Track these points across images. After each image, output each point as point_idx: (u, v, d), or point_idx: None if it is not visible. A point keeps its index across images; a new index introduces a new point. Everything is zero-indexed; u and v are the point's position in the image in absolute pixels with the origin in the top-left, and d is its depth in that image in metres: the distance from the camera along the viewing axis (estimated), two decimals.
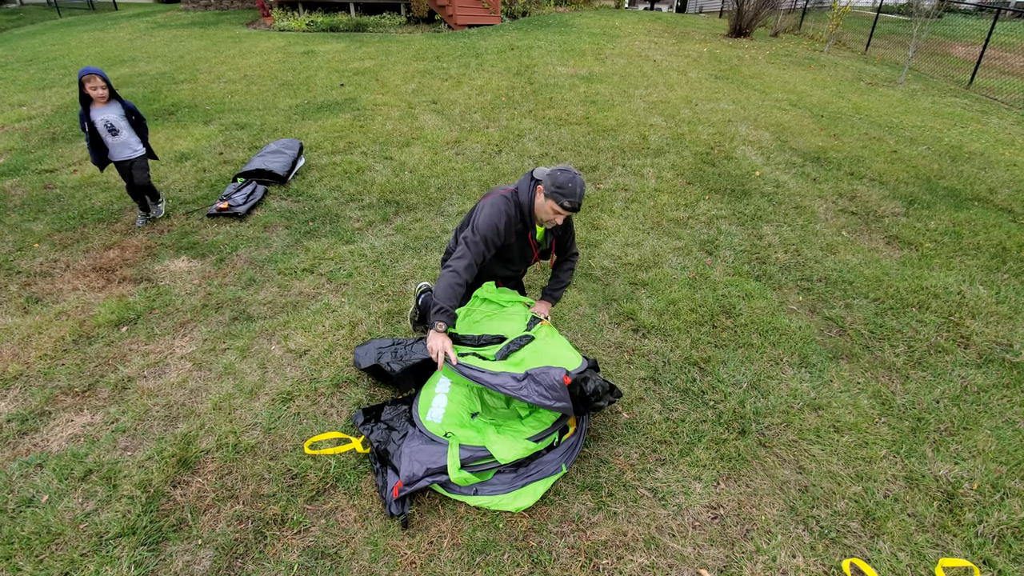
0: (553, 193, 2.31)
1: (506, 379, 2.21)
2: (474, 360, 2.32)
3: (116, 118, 3.85)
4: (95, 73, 3.66)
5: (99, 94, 3.69)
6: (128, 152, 3.98)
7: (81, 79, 3.63)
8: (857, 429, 2.61)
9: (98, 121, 3.78)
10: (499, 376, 2.22)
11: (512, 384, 2.19)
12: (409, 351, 2.79)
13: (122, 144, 3.93)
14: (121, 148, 3.94)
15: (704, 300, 3.50)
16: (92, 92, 3.68)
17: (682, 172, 5.42)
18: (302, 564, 2.00)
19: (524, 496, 2.17)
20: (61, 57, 10.33)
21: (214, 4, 17.46)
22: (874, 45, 13.39)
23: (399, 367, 2.64)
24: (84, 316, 3.27)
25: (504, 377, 2.21)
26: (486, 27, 13.72)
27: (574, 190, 2.30)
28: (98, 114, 3.77)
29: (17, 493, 2.22)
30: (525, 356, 2.34)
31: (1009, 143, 6.84)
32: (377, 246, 4.05)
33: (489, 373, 2.23)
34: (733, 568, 2.02)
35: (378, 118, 6.78)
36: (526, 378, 2.19)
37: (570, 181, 2.30)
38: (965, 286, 3.73)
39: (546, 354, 2.33)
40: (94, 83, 3.67)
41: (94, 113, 3.77)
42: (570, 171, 2.33)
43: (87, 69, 3.65)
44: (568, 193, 2.30)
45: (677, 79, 9.09)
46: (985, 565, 2.05)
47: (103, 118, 3.79)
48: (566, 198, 2.30)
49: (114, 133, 3.87)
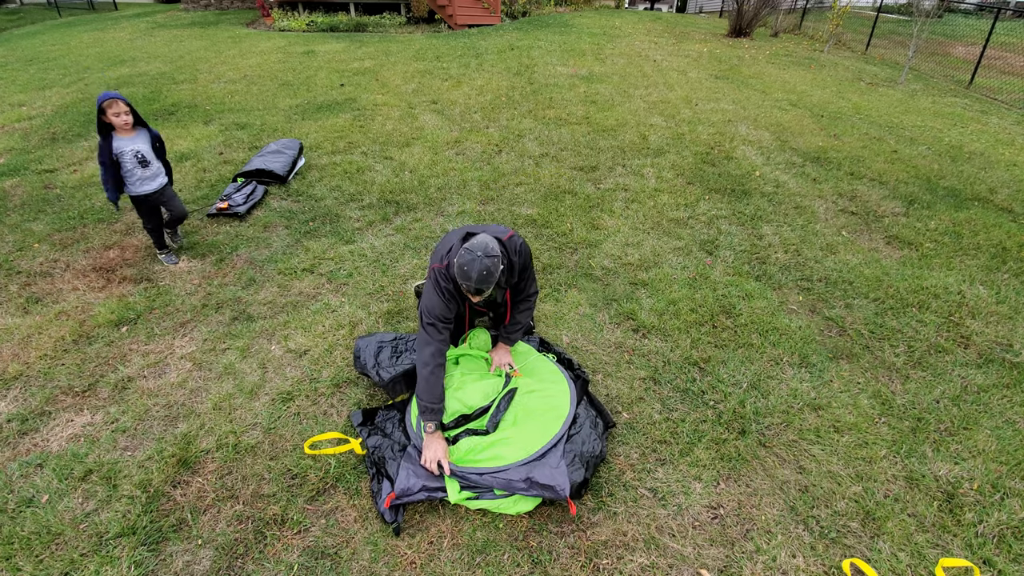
0: (456, 273, 2.18)
1: (507, 482, 2.15)
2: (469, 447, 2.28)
3: (147, 148, 3.41)
4: (117, 98, 3.18)
5: (124, 121, 3.22)
6: (158, 182, 3.55)
7: (101, 105, 3.15)
8: (857, 429, 2.61)
9: (127, 152, 3.32)
10: (507, 473, 2.16)
11: (519, 487, 2.14)
12: (410, 347, 2.80)
13: (151, 176, 3.49)
14: (150, 180, 3.49)
15: (704, 300, 3.50)
16: (116, 120, 3.21)
17: (682, 172, 5.42)
18: (302, 564, 2.00)
19: (525, 500, 2.17)
20: (61, 57, 10.33)
21: (214, 4, 17.46)
22: (874, 45, 13.39)
23: (388, 375, 2.63)
24: (84, 316, 3.27)
25: (511, 478, 2.15)
26: (486, 27, 13.72)
27: (469, 274, 2.13)
28: (126, 144, 3.31)
29: (17, 493, 2.23)
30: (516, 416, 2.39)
31: (1009, 143, 6.84)
32: (377, 246, 4.05)
33: (490, 475, 2.16)
34: (733, 568, 2.02)
35: (378, 118, 6.78)
36: (532, 487, 2.13)
37: (467, 264, 2.13)
38: (965, 286, 3.73)
39: (532, 417, 2.37)
40: (117, 109, 3.19)
41: (120, 143, 3.29)
42: (474, 252, 2.14)
43: (107, 94, 3.18)
44: (464, 276, 2.15)
45: (677, 79, 9.09)
46: (985, 565, 2.05)
47: (133, 148, 3.34)
48: (463, 280, 2.16)
49: (144, 165, 3.41)
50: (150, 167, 3.46)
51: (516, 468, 2.17)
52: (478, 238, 2.23)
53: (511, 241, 2.40)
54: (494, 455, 2.23)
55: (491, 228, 2.45)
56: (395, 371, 2.64)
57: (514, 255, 2.40)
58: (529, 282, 2.58)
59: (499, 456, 2.22)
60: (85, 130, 6.28)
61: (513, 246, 2.40)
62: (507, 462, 2.20)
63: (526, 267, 2.50)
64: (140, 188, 3.48)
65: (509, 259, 2.38)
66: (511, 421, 2.37)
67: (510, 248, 2.38)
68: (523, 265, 2.47)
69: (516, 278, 2.48)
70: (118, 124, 3.23)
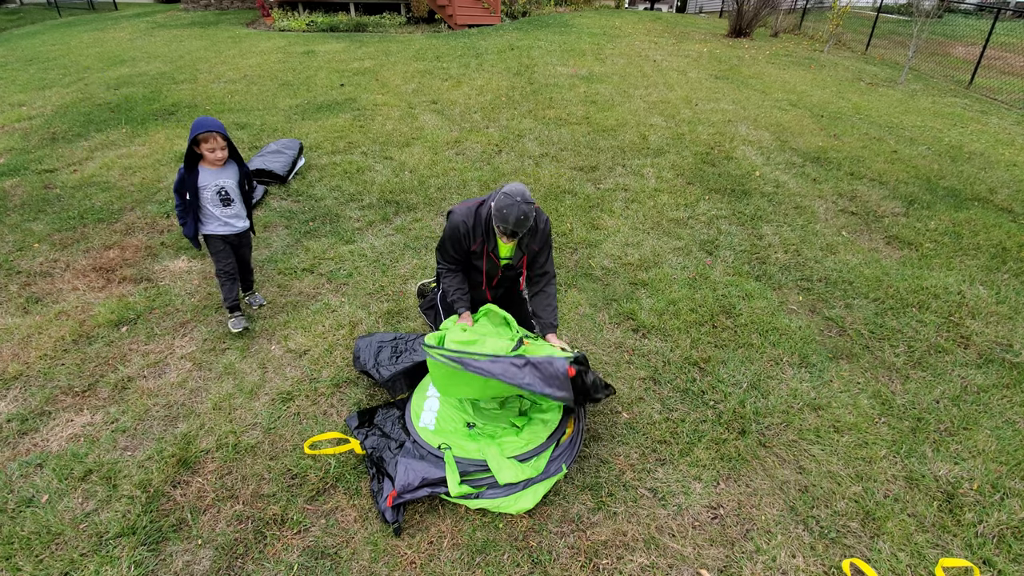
0: (494, 215, 2.37)
1: (506, 366, 2.12)
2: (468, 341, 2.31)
3: (233, 185, 2.96)
4: (217, 131, 2.74)
5: (219, 156, 2.81)
6: (239, 224, 3.07)
7: (196, 137, 2.71)
8: (857, 429, 2.61)
9: (209, 187, 2.88)
10: (499, 362, 2.13)
11: (512, 372, 2.10)
12: (410, 346, 2.79)
13: (233, 216, 3.02)
14: (230, 221, 3.02)
15: (704, 300, 3.50)
16: (211, 155, 2.78)
17: (682, 172, 5.42)
18: (302, 564, 2.00)
19: (525, 498, 2.17)
20: (61, 57, 10.33)
21: (214, 4, 17.46)
22: (874, 45, 13.39)
23: (388, 373, 2.64)
24: (84, 316, 3.27)
25: (503, 364, 2.12)
26: (486, 27, 13.72)
27: (507, 216, 2.32)
28: (212, 178, 2.87)
29: (17, 493, 2.22)
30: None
31: (1009, 143, 6.84)
32: (377, 246, 4.05)
33: (488, 360, 2.14)
34: (733, 568, 2.02)
35: (378, 118, 6.78)
36: (526, 364, 2.11)
37: (507, 207, 2.32)
38: (965, 286, 3.73)
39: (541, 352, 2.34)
40: (214, 144, 2.76)
41: (206, 176, 2.86)
42: (513, 197, 2.33)
43: (205, 123, 2.72)
44: (501, 219, 2.34)
45: (677, 79, 9.09)
46: (985, 565, 2.05)
47: (218, 183, 2.90)
48: (501, 223, 2.35)
49: (227, 203, 2.96)
50: (233, 206, 2.99)
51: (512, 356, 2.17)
52: (515, 185, 2.38)
53: (540, 209, 2.57)
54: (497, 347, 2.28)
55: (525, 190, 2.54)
56: (395, 369, 2.65)
57: (541, 222, 2.56)
58: (547, 259, 2.69)
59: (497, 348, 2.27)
60: (85, 130, 6.28)
61: (542, 214, 2.60)
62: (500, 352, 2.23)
63: (547, 242, 2.64)
64: (217, 228, 3.00)
65: (535, 223, 2.53)
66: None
67: (539, 215, 2.55)
68: (544, 237, 2.61)
69: (537, 245, 2.61)
70: (212, 159, 2.81)
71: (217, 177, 2.89)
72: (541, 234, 2.60)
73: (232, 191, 2.95)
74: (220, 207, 2.94)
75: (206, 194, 2.89)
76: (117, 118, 6.69)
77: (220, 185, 2.91)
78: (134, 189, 4.87)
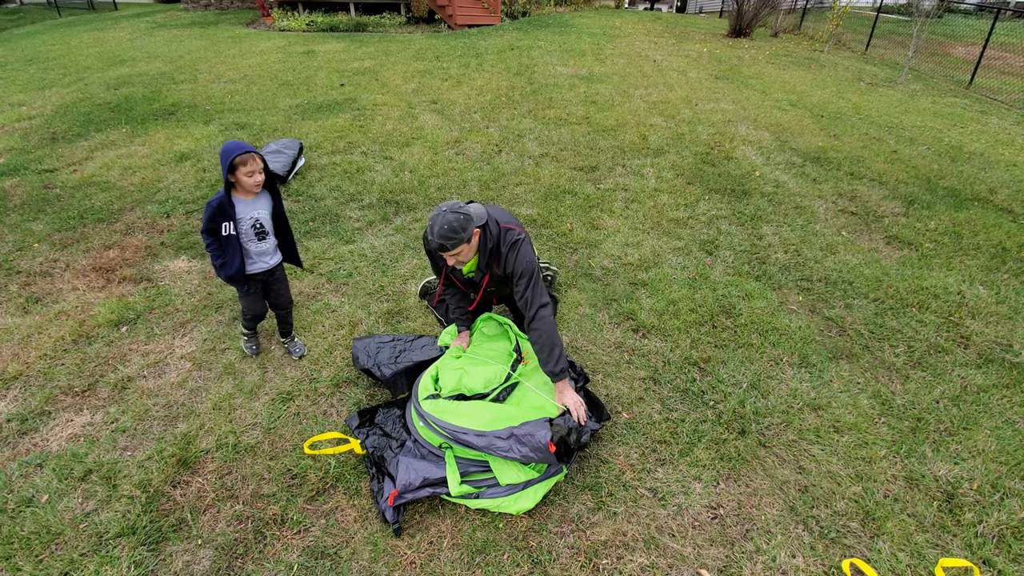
0: (426, 229, 2.26)
1: (491, 440, 2.19)
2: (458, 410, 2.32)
3: (267, 216, 2.64)
4: (253, 152, 2.40)
5: (258, 181, 2.46)
6: (271, 260, 2.75)
7: (233, 161, 2.35)
8: (857, 429, 2.61)
9: (244, 219, 2.54)
10: (484, 436, 2.20)
11: (498, 444, 2.18)
12: (409, 347, 2.80)
13: (266, 251, 2.70)
14: (264, 257, 2.71)
15: (704, 300, 3.50)
16: (247, 180, 2.42)
17: (682, 172, 5.42)
18: (302, 564, 2.00)
19: (525, 498, 2.17)
20: (61, 57, 10.33)
21: (214, 4, 17.46)
22: (874, 45, 13.39)
23: (390, 371, 2.64)
24: (84, 316, 3.27)
25: (488, 438, 2.20)
26: (486, 27, 13.72)
27: (432, 227, 2.21)
28: (245, 210, 2.54)
29: (17, 493, 2.22)
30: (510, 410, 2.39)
31: (1009, 143, 6.84)
32: (377, 246, 4.05)
33: (473, 434, 2.21)
34: (733, 568, 2.02)
35: (378, 118, 6.78)
36: (511, 437, 2.18)
37: (432, 218, 2.21)
38: (965, 286, 3.73)
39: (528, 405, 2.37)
40: (253, 167, 2.41)
41: (240, 209, 2.52)
42: (440, 207, 2.23)
43: (242, 146, 2.36)
44: (429, 231, 2.24)
45: (677, 79, 9.09)
46: (985, 565, 2.05)
47: (253, 215, 2.57)
48: (428, 235, 2.24)
49: (262, 236, 2.63)
50: (267, 239, 2.67)
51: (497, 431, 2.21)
52: (454, 201, 2.29)
53: (508, 233, 2.40)
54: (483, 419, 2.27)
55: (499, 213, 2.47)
56: (396, 368, 2.65)
57: (504, 245, 2.39)
58: (528, 288, 2.36)
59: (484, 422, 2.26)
60: (85, 130, 6.28)
61: (509, 238, 2.39)
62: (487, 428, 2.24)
63: (520, 270, 2.36)
64: (249, 267, 2.67)
65: (497, 244, 2.39)
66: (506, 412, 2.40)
67: (504, 238, 2.39)
68: (514, 262, 2.37)
69: (501, 270, 2.45)
70: (249, 184, 2.44)
71: (252, 209, 2.56)
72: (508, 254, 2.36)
73: (267, 223, 2.63)
74: (255, 242, 2.62)
75: (242, 227, 2.56)
76: (117, 118, 6.69)
77: (255, 217, 2.58)
78: (134, 189, 4.87)
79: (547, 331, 2.32)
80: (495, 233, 2.38)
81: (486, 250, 2.39)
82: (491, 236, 2.37)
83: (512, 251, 2.39)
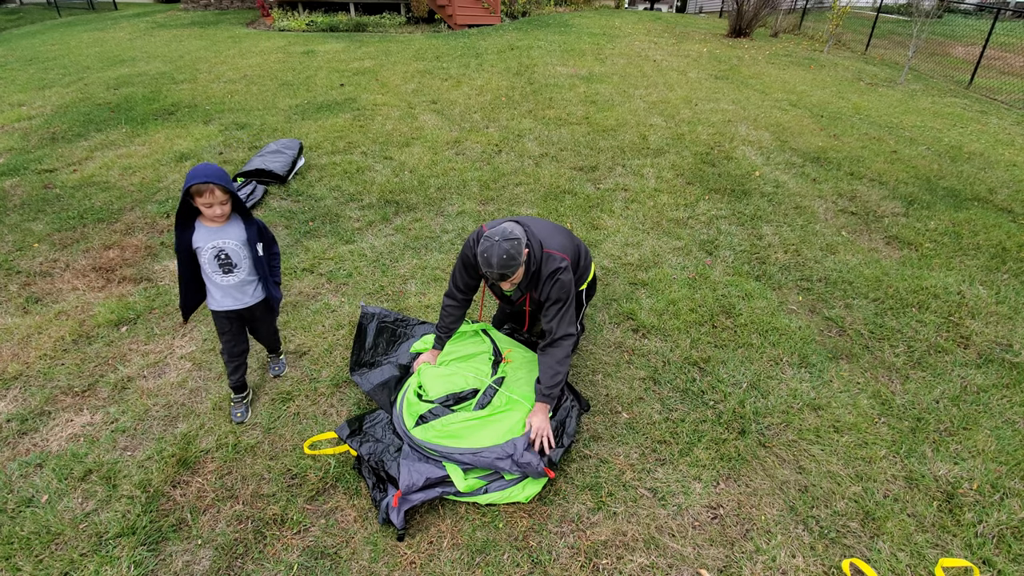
0: (480, 262, 2.24)
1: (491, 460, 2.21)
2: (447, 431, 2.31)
3: (236, 246, 2.30)
4: (215, 182, 2.10)
5: (217, 214, 2.19)
6: (243, 299, 2.42)
7: (189, 189, 2.10)
8: (857, 429, 2.61)
9: (206, 249, 2.26)
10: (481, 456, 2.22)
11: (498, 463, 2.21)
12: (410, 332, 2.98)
13: (235, 285, 2.37)
14: (232, 292, 2.39)
15: (704, 300, 3.50)
16: (208, 211, 2.17)
17: (682, 172, 5.42)
18: (302, 564, 2.00)
19: (531, 485, 2.21)
20: (61, 57, 10.33)
21: (214, 4, 17.46)
22: (874, 45, 13.39)
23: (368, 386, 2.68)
24: (84, 316, 3.27)
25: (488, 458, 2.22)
26: (486, 27, 13.72)
27: (489, 260, 2.19)
28: (208, 238, 2.25)
29: (17, 493, 2.22)
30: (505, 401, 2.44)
31: (1009, 143, 6.84)
32: (377, 246, 4.05)
33: (469, 453, 2.23)
34: (733, 568, 2.02)
35: (378, 118, 6.78)
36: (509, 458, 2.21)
37: (487, 251, 2.20)
38: (965, 286, 3.73)
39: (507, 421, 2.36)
40: (210, 198, 2.13)
41: (201, 235, 2.24)
42: (491, 238, 2.20)
43: (202, 173, 2.08)
44: (485, 264, 2.21)
45: (677, 79, 9.09)
46: (985, 565, 2.05)
47: (214, 244, 2.26)
48: (486, 267, 2.22)
49: (227, 269, 2.32)
50: (236, 272, 2.34)
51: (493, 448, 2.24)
52: (500, 226, 2.26)
53: (550, 261, 2.36)
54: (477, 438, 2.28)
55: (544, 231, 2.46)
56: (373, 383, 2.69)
57: (544, 272, 2.36)
58: (557, 314, 2.35)
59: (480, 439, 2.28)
60: (85, 130, 6.28)
61: (550, 266, 2.35)
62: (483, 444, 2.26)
63: (555, 297, 2.36)
64: (221, 303, 2.39)
65: (539, 269, 2.36)
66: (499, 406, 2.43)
67: (545, 264, 2.36)
68: (551, 289, 2.36)
69: (539, 295, 2.43)
70: (209, 215, 2.20)
71: (215, 236, 2.25)
72: (546, 282, 2.35)
73: (234, 254, 2.30)
74: (220, 274, 2.31)
75: (203, 256, 2.27)
76: (117, 118, 6.69)
77: (217, 246, 2.25)
78: (134, 189, 4.87)
79: (559, 357, 2.36)
80: (538, 257, 2.35)
81: (528, 272, 2.37)
82: (534, 259, 2.34)
83: (550, 281, 2.36)
